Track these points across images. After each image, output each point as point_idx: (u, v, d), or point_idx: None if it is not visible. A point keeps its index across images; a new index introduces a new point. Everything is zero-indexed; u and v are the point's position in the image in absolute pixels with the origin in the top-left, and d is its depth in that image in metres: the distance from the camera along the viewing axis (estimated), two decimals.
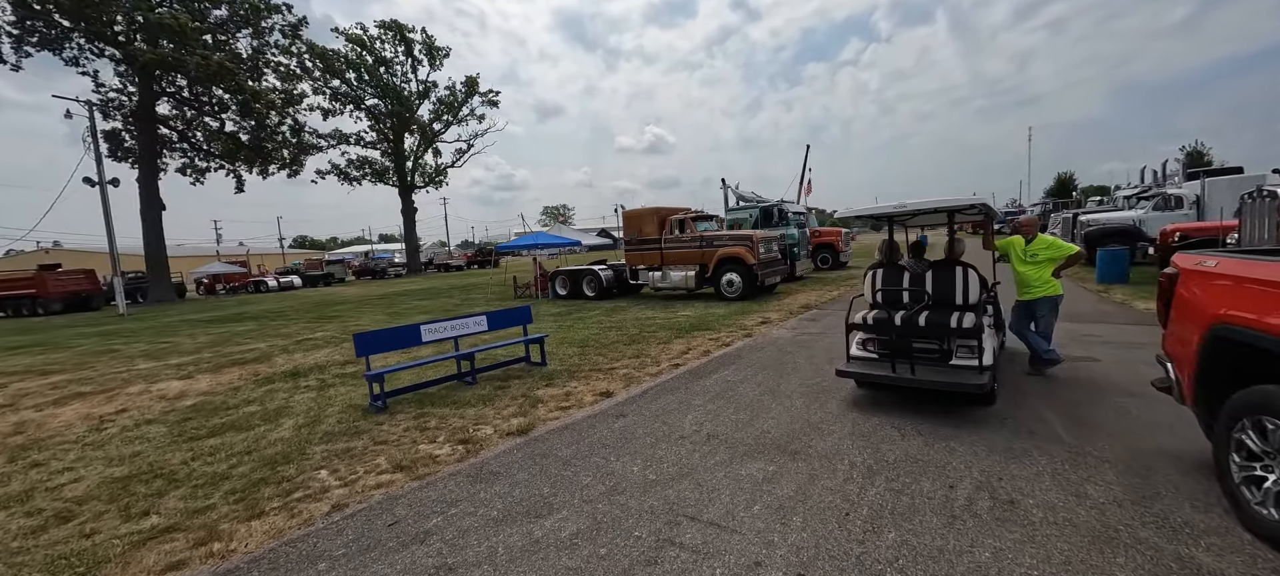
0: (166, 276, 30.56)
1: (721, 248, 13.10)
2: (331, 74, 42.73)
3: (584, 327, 10.16)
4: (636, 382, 5.95)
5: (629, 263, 15.08)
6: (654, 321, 10.32)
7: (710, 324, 9.53)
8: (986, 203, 4.96)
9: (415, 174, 48.41)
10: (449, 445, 4.35)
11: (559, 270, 16.56)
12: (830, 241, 20.64)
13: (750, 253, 12.69)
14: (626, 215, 14.87)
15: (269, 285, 34.75)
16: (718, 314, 10.71)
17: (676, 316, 10.81)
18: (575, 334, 9.48)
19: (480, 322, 6.71)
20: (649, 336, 8.70)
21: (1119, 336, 6.90)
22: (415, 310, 15.72)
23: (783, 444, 3.96)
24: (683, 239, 13.78)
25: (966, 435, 3.89)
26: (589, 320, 11.16)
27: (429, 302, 17.80)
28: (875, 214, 5.34)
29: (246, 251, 53.72)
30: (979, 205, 4.90)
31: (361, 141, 45.62)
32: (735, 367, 6.34)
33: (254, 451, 4.57)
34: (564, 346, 8.35)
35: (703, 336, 8.42)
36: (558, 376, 6.46)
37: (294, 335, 11.95)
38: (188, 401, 6.60)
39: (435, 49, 46.55)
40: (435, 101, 47.65)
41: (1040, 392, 4.76)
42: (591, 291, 15.69)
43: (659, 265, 14.30)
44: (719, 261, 13.04)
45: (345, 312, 16.38)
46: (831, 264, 20.50)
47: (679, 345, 7.87)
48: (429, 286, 27.16)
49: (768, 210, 17.12)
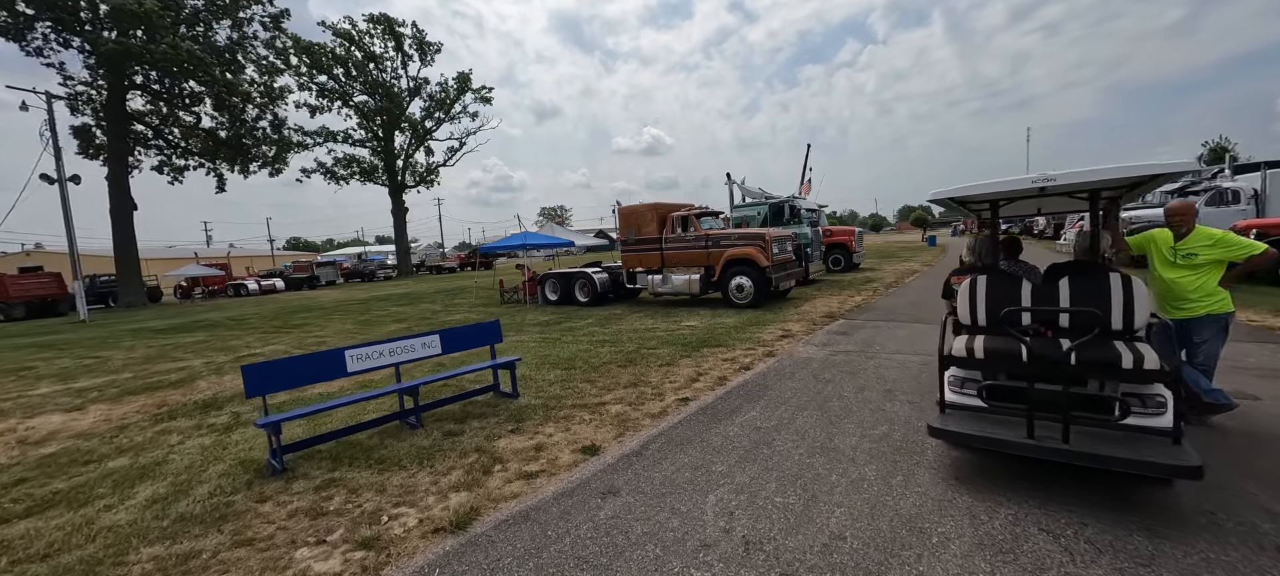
0: (138, 279, 28.92)
1: (730, 248, 11.59)
2: (318, 69, 41.22)
3: (572, 342, 8.64)
4: (633, 428, 4.43)
5: (626, 265, 13.57)
6: (654, 334, 8.80)
7: (721, 338, 8.01)
8: (1197, 167, 3.31)
9: (406, 173, 46.87)
10: (342, 554, 2.82)
11: (549, 273, 15.04)
12: (843, 241, 19.16)
13: (762, 253, 11.19)
14: (623, 212, 13.36)
15: (249, 288, 33.11)
16: (728, 324, 9.21)
17: (681, 327, 9.30)
18: (560, 350, 7.96)
19: (430, 344, 5.18)
20: (649, 355, 7.18)
21: (1260, 359, 5.39)
22: (388, 317, 14.18)
23: (872, 570, 2.43)
24: (686, 238, 12.27)
25: (1172, 549, 2.38)
26: (579, 331, 9.64)
27: (407, 308, 16.28)
28: (993, 194, 3.64)
29: (227, 253, 51.93)
30: (1190, 171, 3.27)
31: (350, 139, 44.09)
32: (764, 405, 4.82)
33: (61, 550, 3.04)
34: (544, 368, 6.82)
35: (714, 355, 6.91)
36: (530, 415, 4.94)
37: (239, 349, 10.39)
38: (50, 447, 5.05)
39: (426, 44, 45.05)
40: (427, 98, 46.17)
41: (1229, 460, 3.24)
42: (584, 297, 14.17)
43: (659, 267, 12.79)
44: (727, 263, 11.53)
45: (311, 321, 14.83)
46: (845, 265, 19.02)
47: (686, 368, 6.35)
48: (414, 290, 25.60)
49: (778, 207, 15.63)
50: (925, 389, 4.91)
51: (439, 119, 46.96)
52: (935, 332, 6.67)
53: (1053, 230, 33.77)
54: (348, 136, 43.91)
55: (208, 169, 33.39)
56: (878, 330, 7.92)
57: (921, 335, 7.37)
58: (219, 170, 33.59)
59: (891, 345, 6.87)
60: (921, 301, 10.71)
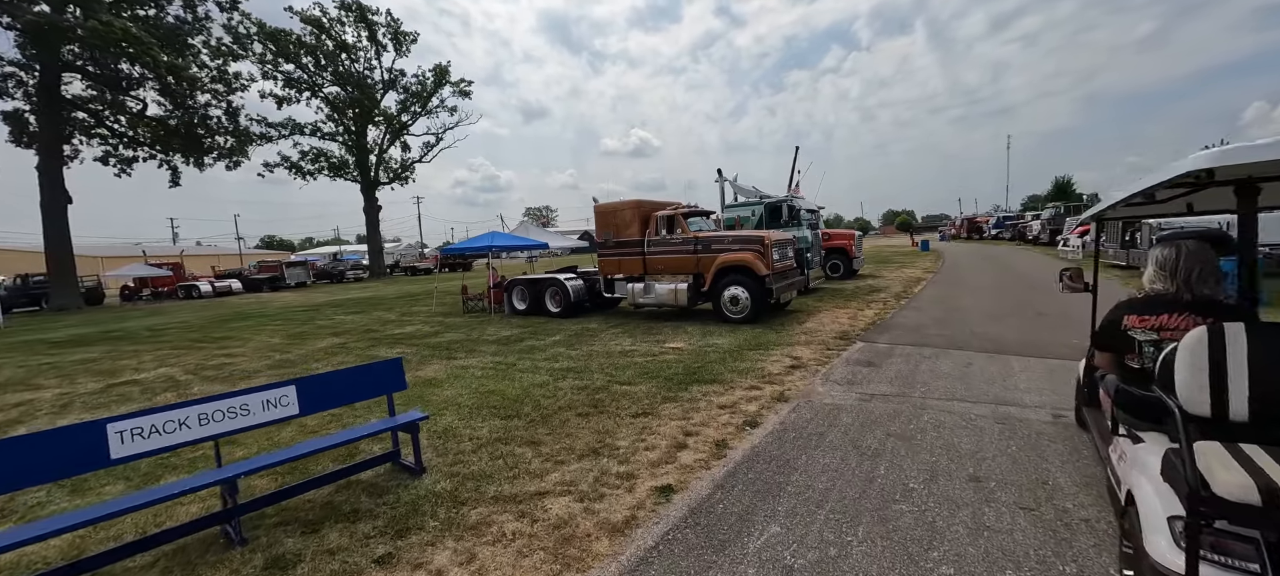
0: (72, 280, 26.36)
1: (723, 253, 9.92)
2: (284, 57, 38.79)
3: (528, 369, 6.88)
4: (577, 568, 2.68)
5: (603, 271, 11.83)
6: (631, 360, 7.08)
7: (715, 368, 6.31)
8: None
9: (379, 169, 44.53)
10: None
11: (517, 279, 13.23)
12: (843, 245, 17.63)
13: (761, 260, 9.54)
14: (600, 211, 11.62)
15: (201, 290, 30.62)
16: (721, 347, 7.53)
17: (664, 351, 7.59)
18: (509, 385, 6.19)
19: (280, 403, 3.39)
20: (621, 395, 5.45)
21: None
22: (327, 329, 12.23)
23: None
24: (672, 241, 10.57)
25: None
26: (541, 353, 7.88)
27: (357, 317, 14.32)
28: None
29: (180, 253, 48.76)
30: None
31: (318, 132, 41.65)
32: (789, 507, 3.11)
33: None
34: (480, 415, 5.05)
35: (707, 398, 5.20)
36: (426, 514, 3.18)
37: (122, 373, 8.42)
38: None
39: (401, 34, 42.82)
40: (402, 91, 43.91)
41: None
42: (556, 306, 12.40)
43: (641, 275, 11.08)
44: (720, 271, 9.86)
45: (241, 332, 12.81)
46: (844, 272, 17.50)
47: (669, 420, 4.63)
48: (378, 294, 23.54)
49: (775, 207, 14.01)
50: (1029, 472, 3.27)
51: (415, 113, 44.74)
52: (989, 368, 5.02)
53: (1048, 235, 32.79)
54: (316, 129, 41.50)
55: (160, 161, 30.96)
56: (912, 360, 6.30)
57: (973, 370, 5.76)
58: (172, 162, 31.15)
59: (939, 386, 5.24)
60: (946, 317, 9.14)
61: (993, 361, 6.04)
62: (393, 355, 8.86)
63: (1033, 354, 6.24)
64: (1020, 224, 41.28)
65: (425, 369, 7.43)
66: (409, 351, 8.91)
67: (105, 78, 25.53)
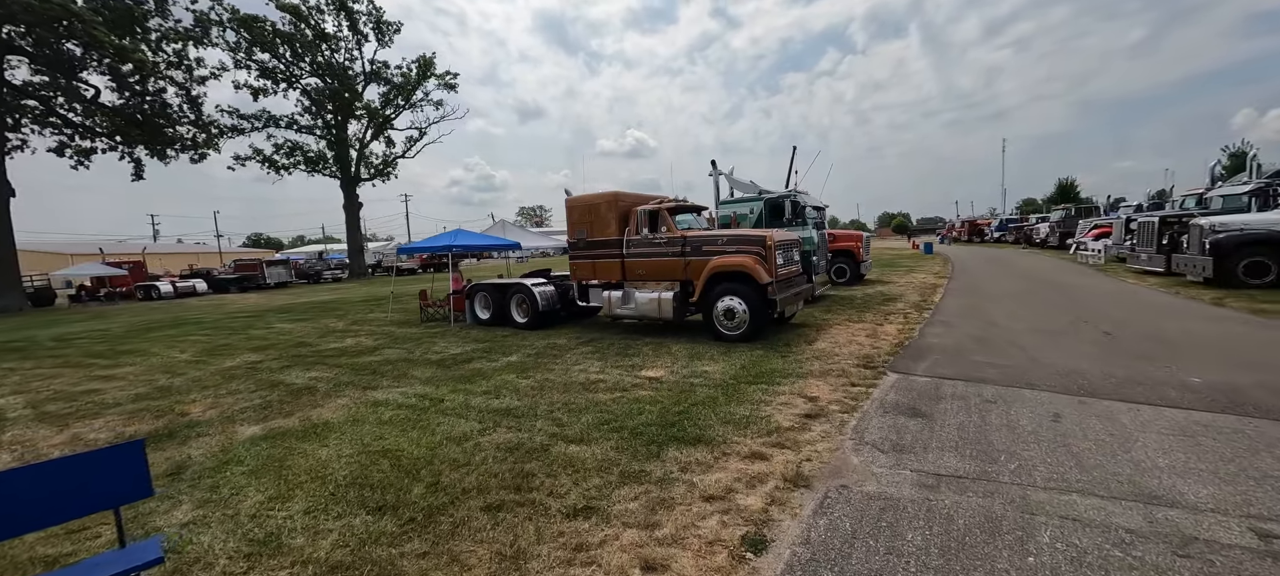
0: (14, 279, 24.35)
1: (716, 256, 8.22)
2: (260, 45, 36.73)
3: (454, 412, 5.14)
4: None
5: (576, 275, 10.11)
6: (593, 399, 5.35)
7: (701, 416, 4.59)
8: None
9: (360, 164, 42.58)
10: None
11: (479, 284, 11.48)
12: (849, 247, 15.97)
13: (762, 264, 7.83)
14: (572, 205, 9.89)
15: (162, 291, 28.62)
16: (712, 376, 5.82)
17: (638, 382, 5.86)
18: (417, 440, 4.44)
19: None
20: (561, 469, 3.71)
21: None
22: (248, 343, 10.41)
23: None
24: (656, 242, 8.85)
25: None
26: (481, 385, 6.14)
27: (293, 325, 12.50)
28: None
29: (142, 250, 46.42)
30: None
31: (295, 125, 39.66)
32: None
33: None
34: (336, 508, 3.31)
35: (687, 476, 3.48)
36: None
37: None
38: None
39: (384, 23, 40.89)
40: (385, 83, 41.96)
41: None
42: (522, 317, 10.66)
43: (619, 280, 9.36)
44: (712, 277, 8.15)
45: (152, 345, 10.97)
46: (850, 277, 15.84)
47: (623, 530, 2.89)
48: (345, 297, 21.71)
49: (776, 203, 12.31)
50: None
51: (398, 106, 42.80)
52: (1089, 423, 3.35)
53: (1058, 238, 31.26)
54: (293, 122, 39.51)
55: (122, 153, 28.95)
56: (972, 405, 4.60)
57: (1067, 427, 4.06)
58: (134, 154, 29.16)
59: (1035, 459, 3.53)
60: (987, 336, 7.47)
61: (1087, 411, 4.35)
62: (305, 381, 7.11)
63: (1141, 399, 4.55)
64: (1025, 226, 39.77)
65: (326, 405, 5.68)
66: (326, 377, 7.16)
67: (49, 60, 23.51)
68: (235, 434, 4.92)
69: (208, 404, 6.04)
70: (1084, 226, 27.56)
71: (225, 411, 5.69)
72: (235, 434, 4.92)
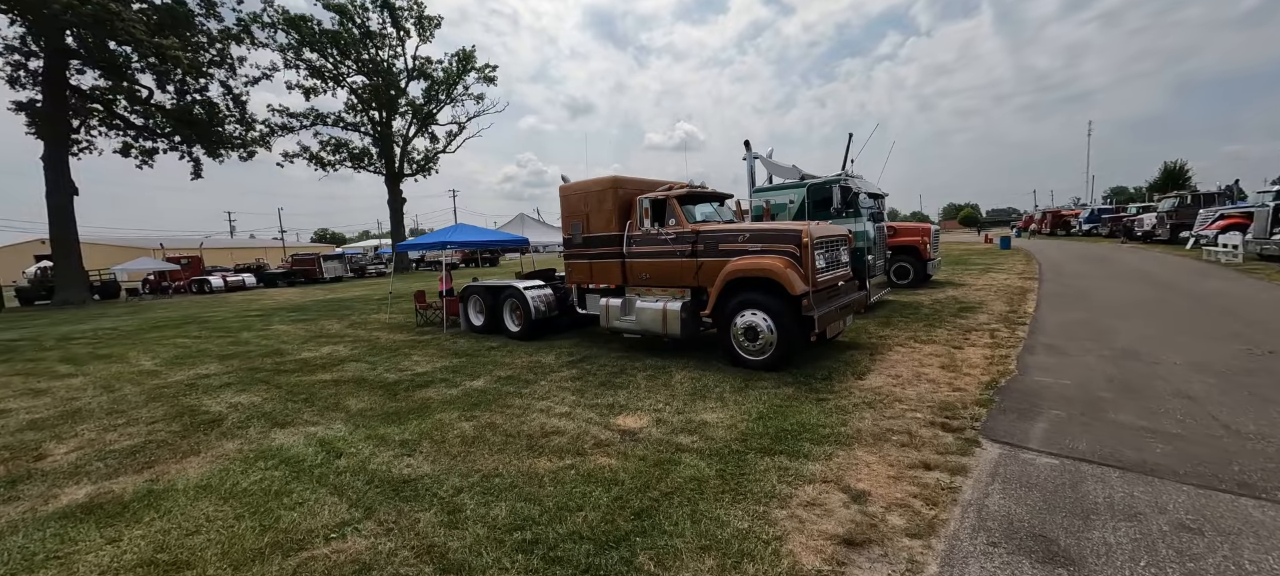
0: (79, 274, 25.63)
1: (734, 255, 6.34)
2: (309, 45, 37.48)
3: (329, 484, 3.63)
4: None
5: (571, 278, 8.52)
6: (531, 469, 3.69)
7: (668, 528, 2.83)
8: None
9: (404, 160, 42.98)
10: None
11: (472, 286, 10.11)
12: (912, 243, 13.48)
13: (794, 269, 5.88)
14: (566, 194, 8.25)
15: (213, 285, 29.65)
16: (711, 434, 4.02)
17: (607, 439, 4.16)
18: (244, 537, 2.95)
19: None
20: None
21: None
22: (222, 351, 9.49)
23: None
24: (661, 237, 7.07)
25: None
26: (400, 434, 4.62)
27: (295, 327, 11.63)
28: None
29: (200, 245, 48.82)
30: None
31: (341, 122, 40.38)
32: None
33: None
34: None
35: None
36: None
37: None
38: None
39: (425, 18, 40.85)
40: (426, 79, 42.02)
41: None
42: (515, 324, 9.20)
43: (620, 285, 7.66)
44: (730, 284, 6.28)
45: (142, 345, 10.31)
46: (913, 278, 13.37)
47: None
48: (363, 294, 21.26)
49: (822, 191, 10.14)
50: None
51: (440, 101, 42.83)
52: None
53: (1168, 231, 26.60)
54: (339, 119, 40.26)
55: (181, 152, 30.15)
56: (1157, 538, 2.59)
57: None
58: (192, 153, 30.29)
59: None
60: (1130, 377, 5.20)
61: None
62: (222, 409, 5.45)
63: None
64: (1124, 218, 34.51)
65: (206, 453, 4.34)
66: (250, 404, 5.91)
67: (102, 61, 24.40)
68: (47, 503, 3.63)
69: (82, 443, 4.86)
70: (1206, 216, 23.16)
71: (85, 457, 4.47)
72: (47, 503, 3.63)
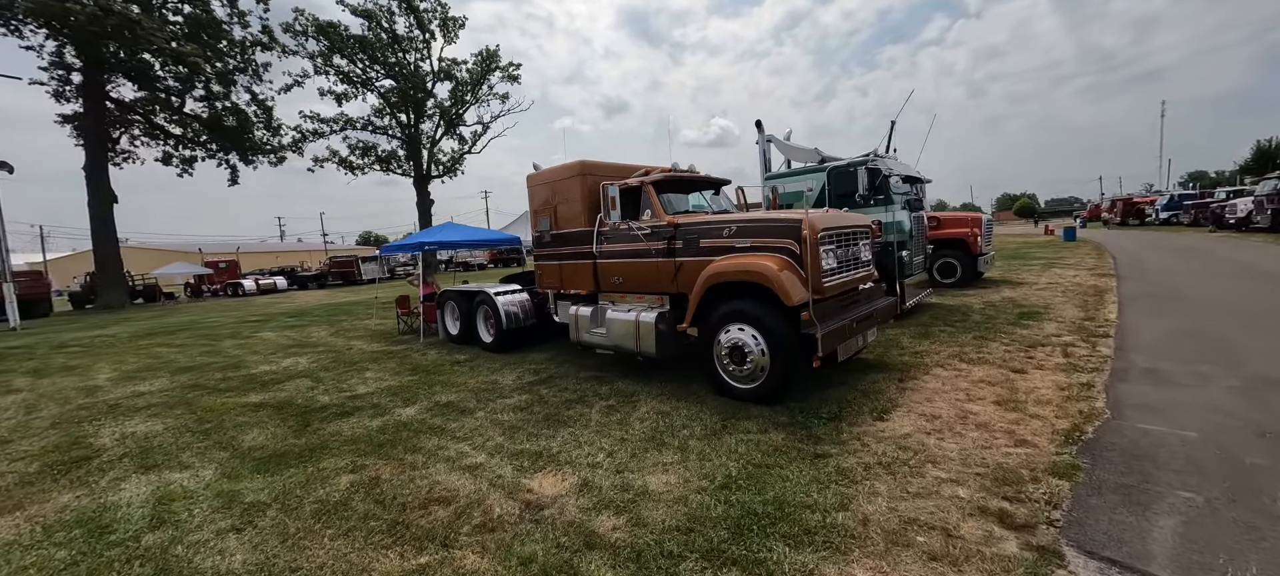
0: (119, 278, 26.58)
1: (718, 252, 5.00)
2: (339, 51, 38.05)
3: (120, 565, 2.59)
4: None
5: (541, 283, 7.37)
6: (374, 567, 2.54)
7: None
8: None
9: (432, 162, 43.20)
10: None
11: (448, 292, 9.13)
12: (960, 236, 11.63)
13: (792, 270, 4.49)
14: (532, 182, 7.10)
15: (245, 288, 30.35)
16: (649, 514, 2.77)
17: (497, 520, 2.96)
18: None
19: None
20: None
21: None
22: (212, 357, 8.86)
23: None
24: (633, 234, 5.80)
25: None
26: (276, 484, 3.57)
27: (281, 333, 11.02)
28: None
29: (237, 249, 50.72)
30: None
31: (371, 126, 40.89)
32: None
33: None
34: None
35: None
36: None
37: None
38: None
39: (449, 19, 40.84)
40: (452, 80, 42.05)
41: None
42: (488, 334, 8.15)
43: (592, 290, 6.44)
44: (712, 291, 4.95)
45: (134, 350, 9.87)
46: (961, 275, 11.54)
47: None
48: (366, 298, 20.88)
49: (846, 175, 8.57)
50: None
51: (465, 101, 42.80)
52: None
53: (1269, 217, 23.13)
54: (368, 123, 40.77)
55: (218, 160, 31.03)
56: None
57: None
58: (229, 161, 31.14)
59: None
60: None
61: None
62: (112, 439, 4.74)
63: None
64: (1211, 204, 30.55)
65: (49, 503, 3.42)
66: (154, 431, 5.05)
67: (133, 71, 25.11)
68: None
69: None
70: None
71: None
72: None
